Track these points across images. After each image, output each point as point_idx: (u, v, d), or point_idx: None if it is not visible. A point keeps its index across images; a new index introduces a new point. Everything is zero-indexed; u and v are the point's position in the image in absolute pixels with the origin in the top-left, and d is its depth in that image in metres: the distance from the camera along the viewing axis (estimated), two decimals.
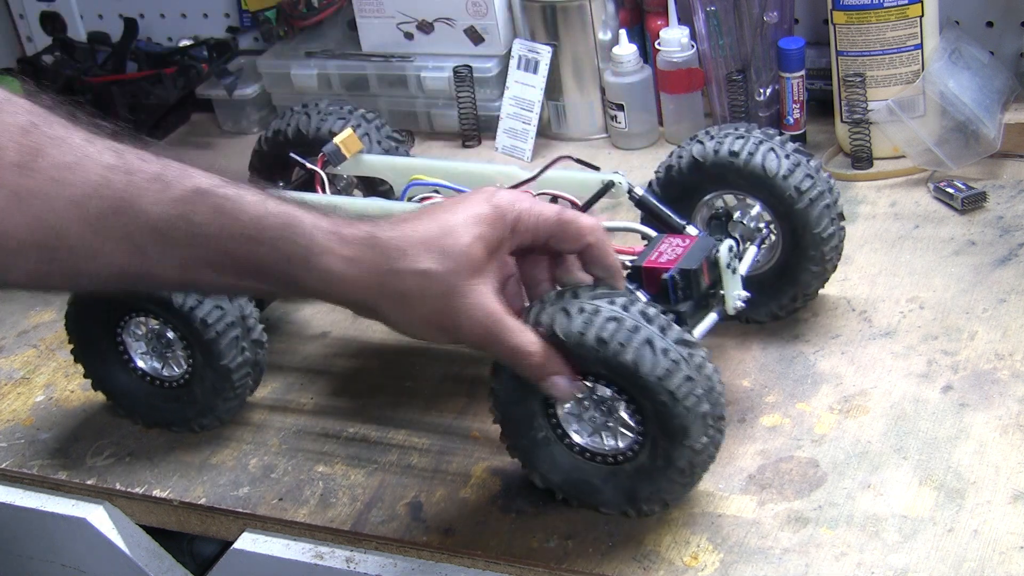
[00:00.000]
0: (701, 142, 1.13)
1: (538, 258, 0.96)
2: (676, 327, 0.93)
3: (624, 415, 0.96)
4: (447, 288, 0.87)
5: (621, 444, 0.97)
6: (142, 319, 1.14)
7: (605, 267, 0.95)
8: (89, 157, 0.80)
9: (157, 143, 0.86)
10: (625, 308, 0.92)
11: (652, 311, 0.92)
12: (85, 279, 0.84)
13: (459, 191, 1.11)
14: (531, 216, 0.91)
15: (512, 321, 0.90)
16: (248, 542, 1.09)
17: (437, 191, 1.12)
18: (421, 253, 0.87)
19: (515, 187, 1.10)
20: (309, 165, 1.17)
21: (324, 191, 1.16)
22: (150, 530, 1.18)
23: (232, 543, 1.10)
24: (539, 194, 1.11)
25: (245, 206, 0.84)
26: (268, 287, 0.89)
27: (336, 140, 1.16)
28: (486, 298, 0.89)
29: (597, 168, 1.13)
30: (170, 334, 1.13)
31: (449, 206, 0.91)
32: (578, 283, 0.95)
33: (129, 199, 0.81)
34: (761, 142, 1.11)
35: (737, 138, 1.11)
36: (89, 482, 1.16)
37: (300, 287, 0.88)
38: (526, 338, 0.91)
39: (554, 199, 1.12)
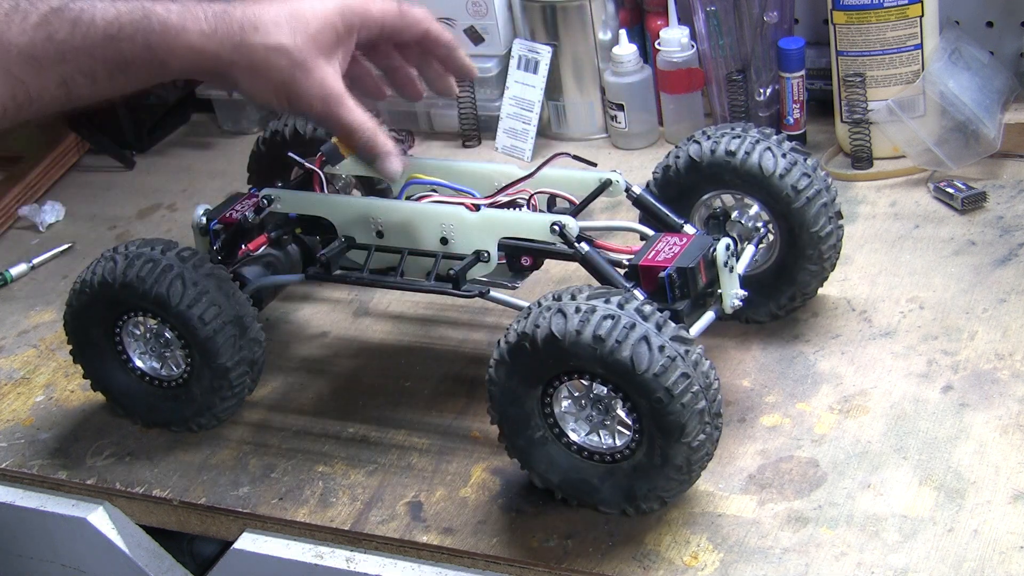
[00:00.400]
0: (698, 142, 1.13)
1: (388, 50, 1.09)
2: (672, 324, 0.93)
3: (621, 413, 0.96)
4: (295, 62, 0.99)
5: (618, 442, 0.97)
6: (140, 319, 1.14)
7: (445, 44, 1.09)
8: None
9: None
10: (621, 306, 0.92)
11: (648, 309, 0.93)
12: None
13: (457, 190, 1.11)
14: (378, 9, 1.04)
15: (351, 100, 1.02)
16: (248, 542, 1.09)
17: (435, 190, 1.12)
18: (273, 29, 0.99)
19: (512, 184, 1.11)
20: (308, 165, 1.17)
21: (323, 191, 1.16)
22: (150, 530, 1.18)
23: (232, 543, 1.10)
24: (536, 192, 1.11)
25: (99, 12, 0.94)
26: (138, 79, 0.99)
27: (334, 139, 1.16)
28: (329, 76, 1.01)
29: (594, 164, 1.13)
30: (168, 333, 1.13)
31: None
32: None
33: None
34: (758, 141, 1.11)
35: (734, 138, 1.11)
36: (89, 482, 1.16)
37: (164, 69, 0.98)
38: (360, 115, 1.02)
39: (552, 198, 1.12)
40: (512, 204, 1.10)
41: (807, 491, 1.00)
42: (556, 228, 1.04)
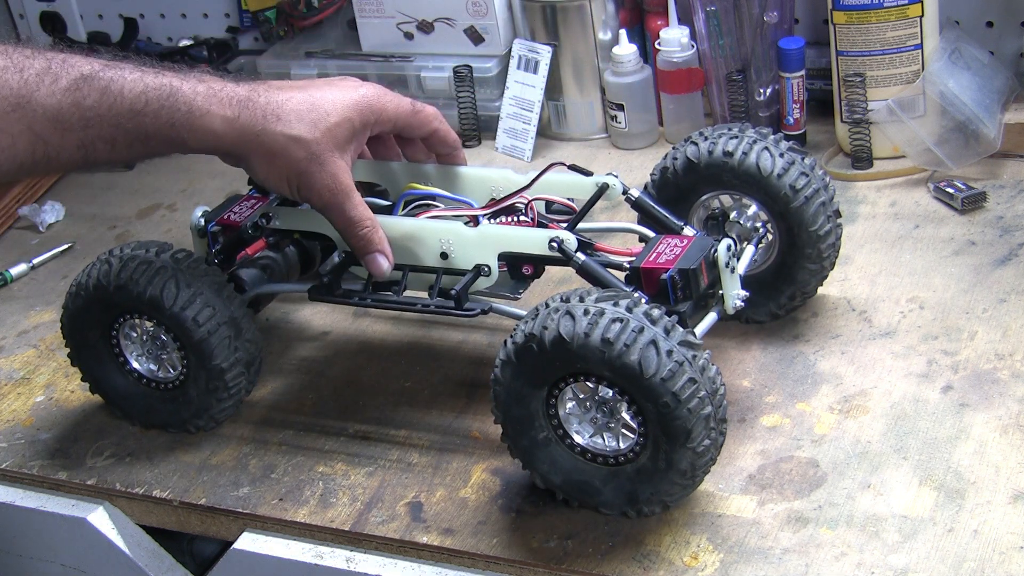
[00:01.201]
0: (695, 143, 1.13)
1: (387, 140, 1.15)
2: (680, 329, 0.93)
3: (626, 416, 0.96)
4: (311, 154, 1.02)
5: (622, 445, 0.97)
6: (136, 321, 1.14)
7: (449, 144, 1.14)
8: None
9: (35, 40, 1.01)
10: (629, 309, 0.92)
11: (656, 313, 0.93)
12: None
13: (454, 200, 1.12)
14: (392, 106, 1.08)
15: (357, 196, 1.05)
16: (248, 542, 1.09)
17: (433, 199, 1.13)
18: (294, 120, 1.02)
19: (511, 195, 1.11)
20: None
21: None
22: (150, 530, 1.18)
23: (232, 543, 1.10)
24: (535, 199, 1.11)
25: (128, 84, 0.97)
26: (156, 151, 1.03)
27: None
28: (341, 171, 1.04)
29: (590, 173, 1.13)
30: (164, 336, 1.13)
31: (323, 85, 1.06)
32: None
33: (26, 95, 0.93)
34: (755, 141, 1.11)
35: (731, 138, 1.11)
36: (89, 482, 1.16)
37: (183, 146, 1.02)
38: (363, 213, 1.05)
39: (550, 204, 1.12)
40: (511, 210, 1.10)
41: (807, 491, 1.00)
42: (555, 244, 1.04)
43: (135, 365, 1.17)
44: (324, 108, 1.03)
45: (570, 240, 1.04)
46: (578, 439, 0.99)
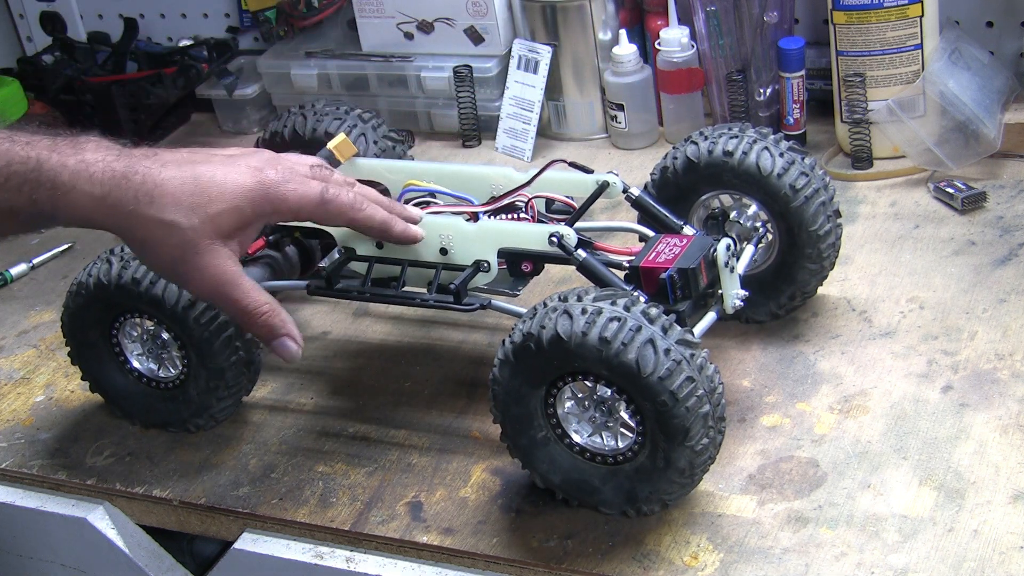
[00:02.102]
0: (695, 143, 1.13)
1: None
2: (678, 327, 0.93)
3: (624, 415, 0.96)
4: (185, 242, 0.92)
5: (621, 444, 0.97)
6: (137, 320, 1.14)
7: (377, 229, 1.02)
8: None
9: None
10: (627, 308, 0.92)
11: (654, 311, 0.93)
12: None
13: (454, 196, 1.12)
14: (294, 196, 0.95)
15: (246, 282, 0.94)
16: (248, 542, 1.09)
17: (433, 196, 1.12)
18: (170, 205, 0.91)
19: (511, 192, 1.11)
20: None
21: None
22: (150, 530, 1.18)
23: (232, 543, 1.10)
24: (534, 197, 1.11)
25: None
26: (24, 226, 0.95)
27: (329, 145, 1.16)
28: (222, 259, 0.93)
29: (591, 171, 1.13)
30: (165, 335, 1.13)
31: (219, 163, 0.94)
32: None
33: None
34: (755, 141, 1.11)
35: (731, 138, 1.11)
36: (89, 482, 1.16)
37: (55, 221, 0.92)
38: (256, 298, 0.95)
39: (549, 201, 1.12)
40: (511, 207, 1.10)
41: (807, 491, 1.00)
42: (554, 240, 1.04)
43: (135, 364, 1.17)
44: (208, 192, 0.92)
45: (570, 236, 1.04)
46: (577, 438, 0.99)
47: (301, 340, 0.97)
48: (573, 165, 1.14)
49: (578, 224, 1.09)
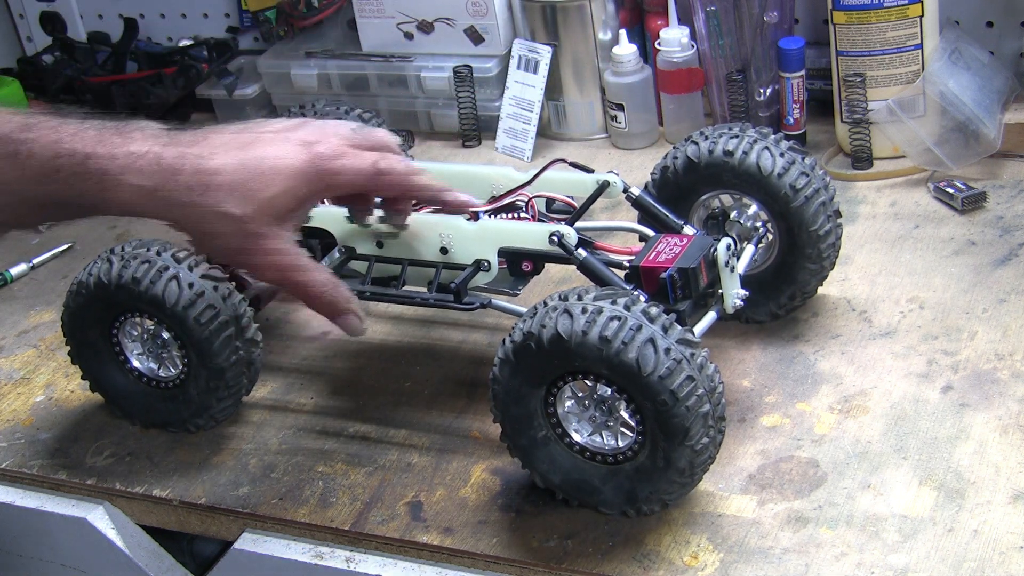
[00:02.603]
0: (695, 143, 1.13)
1: (364, 196, 1.00)
2: (678, 327, 0.93)
3: (624, 415, 0.96)
4: (244, 230, 0.90)
5: (621, 444, 0.97)
6: (137, 320, 1.14)
7: (433, 195, 1.00)
8: None
9: None
10: (627, 307, 0.92)
11: (654, 311, 0.93)
12: None
13: None
14: (347, 171, 0.93)
15: (307, 263, 0.94)
16: (248, 542, 1.09)
17: None
18: (224, 194, 0.89)
19: (511, 192, 1.11)
20: None
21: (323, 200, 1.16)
22: (150, 530, 1.18)
23: (232, 543, 1.10)
24: (534, 196, 1.11)
25: (38, 150, 0.88)
26: (72, 216, 0.95)
27: None
28: (281, 243, 0.92)
29: (591, 171, 1.14)
30: (165, 334, 1.13)
31: (268, 143, 0.91)
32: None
33: None
34: (755, 141, 1.11)
35: (731, 138, 1.11)
36: (89, 482, 1.16)
37: (104, 213, 0.92)
38: (318, 278, 0.94)
39: (549, 201, 1.12)
40: (511, 207, 1.10)
41: (807, 491, 1.00)
42: (555, 239, 1.04)
43: (135, 364, 1.17)
44: (261, 176, 0.90)
45: (570, 235, 1.04)
46: (577, 438, 0.99)
47: (363, 314, 0.98)
48: (573, 165, 1.14)
49: (578, 224, 1.09)
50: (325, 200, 1.08)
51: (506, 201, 1.10)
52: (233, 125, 0.95)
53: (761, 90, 1.46)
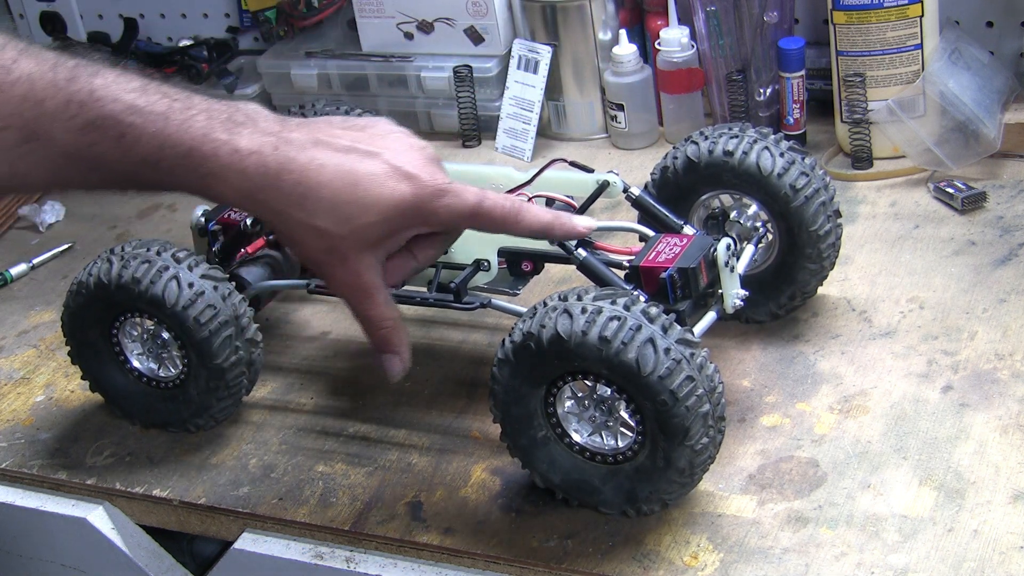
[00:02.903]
0: (695, 143, 1.13)
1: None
2: (678, 327, 0.93)
3: (624, 415, 0.96)
4: (332, 249, 0.90)
5: (621, 444, 0.97)
6: (137, 320, 1.14)
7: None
8: (2, 91, 0.85)
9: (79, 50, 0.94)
10: (627, 307, 0.92)
11: (654, 311, 0.93)
12: (14, 193, 0.93)
13: None
14: (448, 212, 0.91)
15: (381, 295, 0.93)
16: (248, 542, 1.09)
17: None
18: (321, 211, 0.89)
19: (511, 191, 1.11)
20: None
21: None
22: (150, 530, 1.18)
23: (232, 543, 1.10)
24: (535, 196, 1.11)
25: (146, 135, 0.87)
26: (156, 192, 0.98)
27: None
28: (365, 268, 0.92)
29: (591, 170, 1.14)
30: (165, 334, 1.13)
31: (376, 159, 0.89)
32: None
33: (40, 130, 0.86)
34: (755, 141, 1.11)
35: (731, 138, 1.11)
36: (89, 482, 1.16)
37: (202, 199, 0.94)
38: (383, 312, 0.94)
39: (549, 201, 1.12)
40: None
41: (807, 491, 1.00)
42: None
43: (135, 364, 1.17)
44: (362, 202, 0.88)
45: None
46: (577, 438, 0.99)
47: (409, 363, 0.98)
48: (573, 164, 1.14)
49: None
50: None
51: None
52: (347, 124, 0.94)
53: (761, 90, 1.46)
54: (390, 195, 0.89)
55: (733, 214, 1.14)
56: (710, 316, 1.04)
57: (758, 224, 1.13)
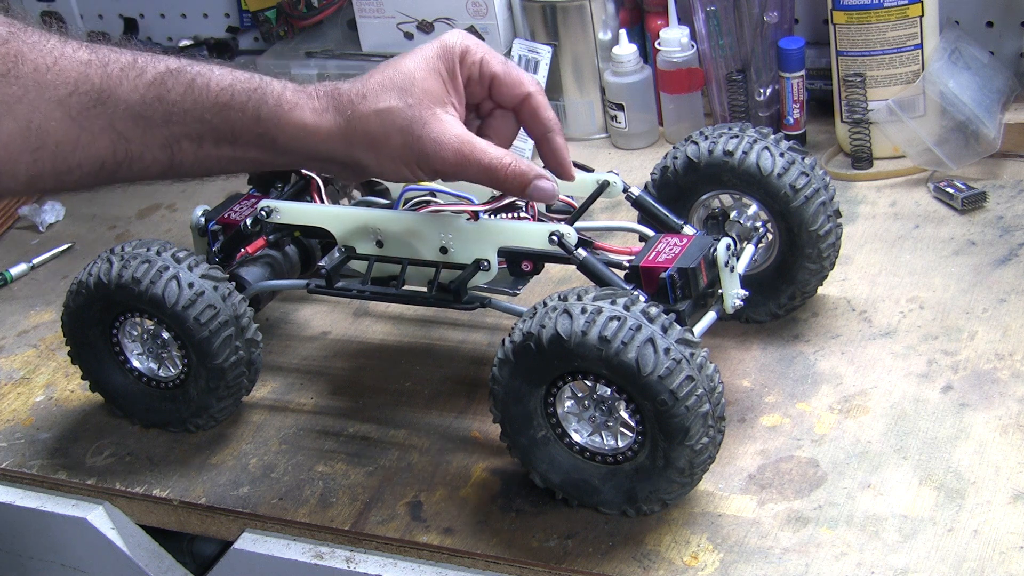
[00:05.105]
0: (695, 142, 1.13)
1: (501, 117, 1.02)
2: (678, 327, 0.93)
3: (624, 415, 0.96)
4: (410, 120, 0.94)
5: (621, 444, 0.97)
6: (137, 320, 1.14)
7: (544, 121, 1.01)
8: (66, 56, 0.87)
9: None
10: (627, 307, 0.92)
11: (654, 311, 0.93)
12: (73, 175, 0.91)
13: (455, 196, 1.11)
14: (475, 46, 0.99)
15: (481, 140, 0.96)
16: (248, 542, 1.09)
17: (433, 195, 1.12)
18: (380, 94, 0.95)
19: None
20: (304, 171, 1.17)
21: (321, 197, 1.16)
22: (150, 530, 1.18)
23: (232, 543, 1.10)
24: None
25: (215, 78, 0.93)
26: (245, 152, 0.96)
27: None
28: (451, 123, 0.95)
29: (591, 170, 1.14)
30: (165, 334, 1.13)
31: (401, 56, 0.98)
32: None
33: (108, 90, 0.89)
34: (755, 141, 1.11)
35: (731, 138, 1.11)
36: (89, 482, 1.16)
37: (275, 145, 0.95)
38: (495, 152, 0.96)
39: None
40: (511, 207, 1.10)
41: (807, 491, 1.00)
42: (555, 238, 1.04)
43: (135, 364, 1.17)
44: (407, 71, 0.96)
45: (570, 234, 1.04)
46: (577, 438, 0.99)
47: (553, 176, 0.99)
48: (573, 164, 1.14)
49: (578, 223, 1.09)
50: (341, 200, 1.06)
51: (506, 201, 1.10)
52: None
53: (761, 90, 1.46)
54: (425, 53, 0.97)
55: (733, 214, 1.14)
56: (710, 316, 1.04)
57: (758, 224, 1.13)
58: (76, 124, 0.88)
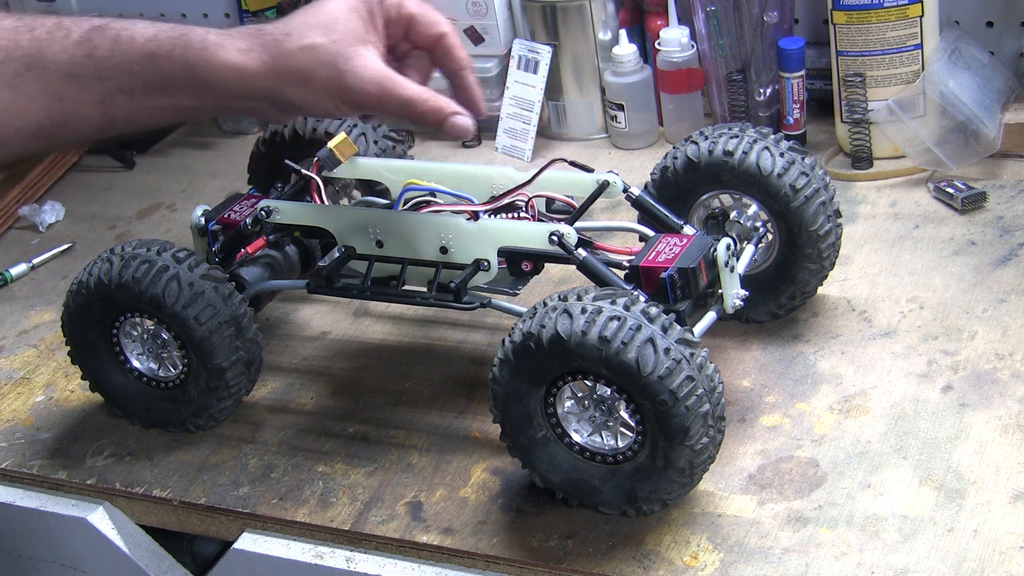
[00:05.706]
0: (695, 143, 1.13)
1: (416, 57, 1.05)
2: (678, 327, 0.93)
3: (624, 415, 0.96)
4: (335, 55, 0.97)
5: (621, 444, 0.97)
6: (137, 320, 1.14)
7: (457, 59, 1.04)
8: None
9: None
10: (627, 307, 0.92)
11: (654, 311, 0.93)
12: (12, 141, 0.94)
13: (455, 196, 1.12)
14: None
15: (401, 77, 0.99)
16: (248, 542, 1.09)
17: (433, 195, 1.12)
18: (304, 32, 0.97)
19: (511, 191, 1.11)
20: (304, 172, 1.17)
21: (321, 197, 1.16)
22: (150, 530, 1.18)
23: (232, 543, 1.10)
24: (534, 196, 1.11)
25: (139, 30, 0.96)
26: (177, 100, 0.98)
27: (330, 145, 1.16)
28: (372, 60, 0.98)
29: (591, 170, 1.14)
30: (165, 334, 1.13)
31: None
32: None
33: (38, 53, 0.92)
34: (755, 141, 1.11)
35: (731, 138, 1.11)
36: (89, 482, 1.16)
37: (205, 88, 0.97)
38: (415, 87, 0.99)
39: (549, 201, 1.12)
40: (511, 207, 1.10)
41: (807, 491, 1.00)
42: (555, 238, 1.04)
43: (135, 364, 1.17)
44: (329, 12, 0.99)
45: (570, 234, 1.04)
46: (577, 438, 0.99)
47: (468, 113, 1.01)
48: (573, 164, 1.14)
49: (578, 223, 1.09)
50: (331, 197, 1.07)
51: (506, 201, 1.10)
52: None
53: (761, 90, 1.46)
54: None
55: (733, 214, 1.14)
56: (710, 316, 1.04)
57: (758, 224, 1.13)
58: (11, 90, 0.91)
